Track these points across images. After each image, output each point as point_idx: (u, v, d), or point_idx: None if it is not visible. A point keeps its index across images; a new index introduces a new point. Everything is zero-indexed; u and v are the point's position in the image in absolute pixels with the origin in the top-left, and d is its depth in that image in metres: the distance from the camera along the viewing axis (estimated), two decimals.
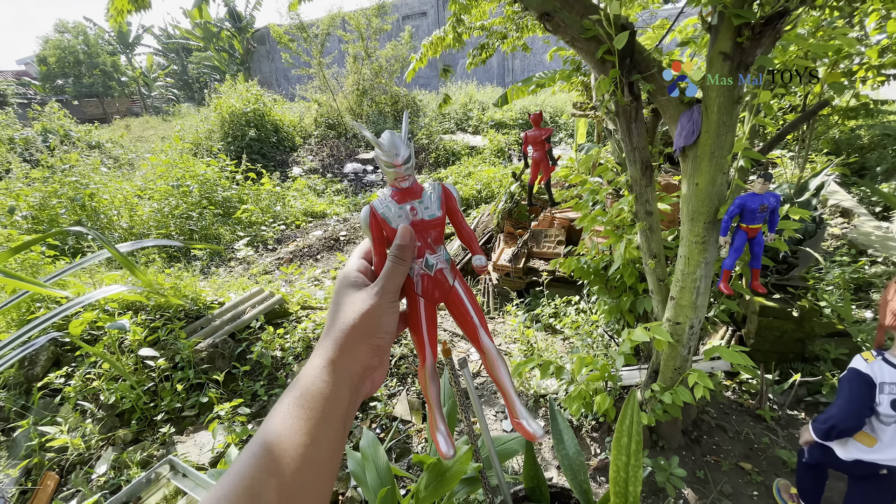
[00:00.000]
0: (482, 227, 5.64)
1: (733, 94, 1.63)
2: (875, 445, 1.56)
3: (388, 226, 0.63)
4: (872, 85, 4.65)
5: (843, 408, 1.58)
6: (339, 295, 0.55)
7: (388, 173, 0.61)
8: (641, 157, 1.98)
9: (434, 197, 0.61)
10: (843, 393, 1.59)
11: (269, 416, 0.45)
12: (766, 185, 1.69)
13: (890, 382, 1.49)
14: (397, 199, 0.62)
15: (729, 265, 1.87)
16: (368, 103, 12.56)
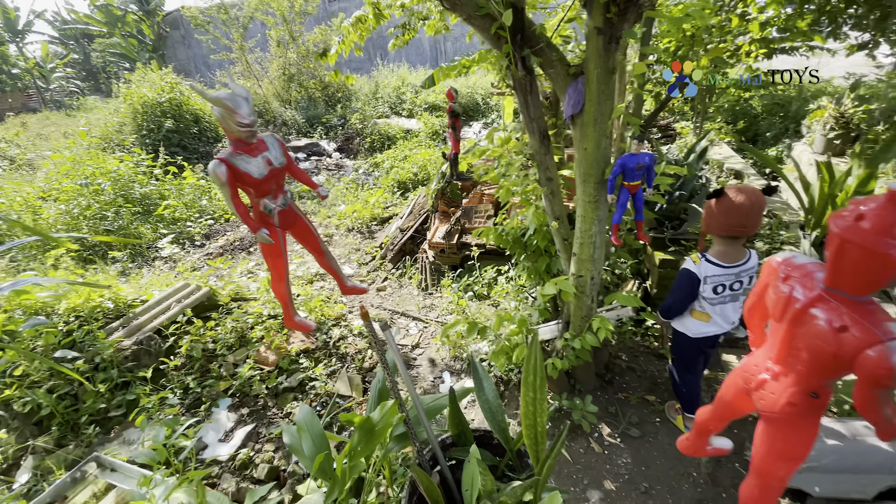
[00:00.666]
0: (419, 209, 5.74)
1: (608, 65, 1.83)
2: (710, 320, 2.05)
3: (250, 177, 0.70)
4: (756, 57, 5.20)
5: (676, 296, 2.08)
6: None
7: (238, 132, 0.67)
8: (539, 128, 2.15)
9: (278, 146, 0.69)
10: (677, 286, 2.05)
11: None
12: (640, 145, 1.92)
13: (711, 275, 1.93)
14: (249, 152, 0.69)
15: (617, 220, 2.10)
16: (296, 88, 12.10)
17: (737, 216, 1.79)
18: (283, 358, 3.05)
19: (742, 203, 1.78)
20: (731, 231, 1.84)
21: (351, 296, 4.30)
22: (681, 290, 2.03)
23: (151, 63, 14.09)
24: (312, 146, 10.00)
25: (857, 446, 2.08)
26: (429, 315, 3.95)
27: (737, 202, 1.78)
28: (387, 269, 4.85)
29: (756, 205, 1.78)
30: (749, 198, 1.78)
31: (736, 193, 1.80)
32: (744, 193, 1.80)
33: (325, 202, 7.26)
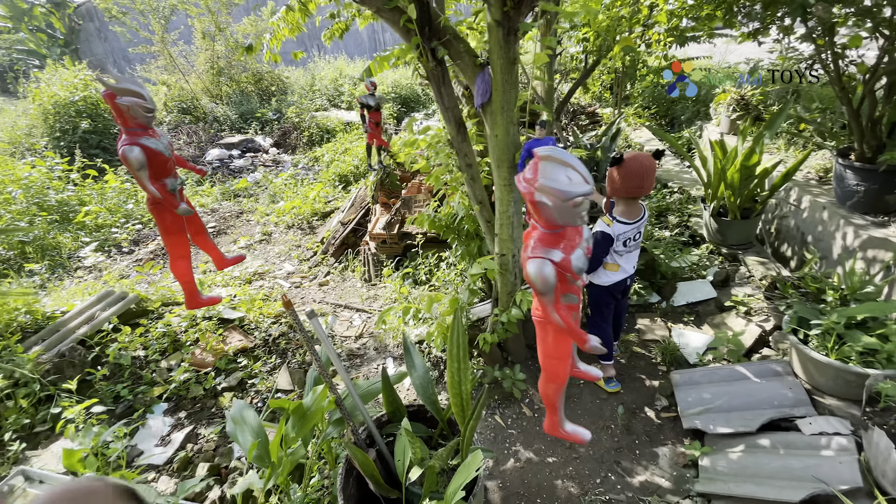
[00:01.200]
0: (360, 201, 5.74)
1: (509, 56, 1.96)
2: (619, 269, 2.34)
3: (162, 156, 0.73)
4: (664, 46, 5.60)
5: (595, 255, 2.28)
6: None
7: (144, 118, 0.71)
8: (454, 117, 2.27)
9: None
10: (595, 246, 2.24)
11: None
12: (543, 130, 2.08)
13: (622, 233, 2.21)
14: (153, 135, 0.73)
15: None
16: (227, 83, 11.55)
17: (635, 179, 2.08)
18: (220, 358, 3.01)
19: (637, 168, 2.07)
20: (630, 193, 2.14)
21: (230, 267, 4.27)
22: (599, 249, 2.27)
23: (64, 59, 12.88)
24: (247, 142, 9.63)
25: (746, 387, 2.40)
26: (372, 305, 4.01)
27: (633, 168, 2.07)
28: (329, 264, 4.84)
29: (649, 168, 2.08)
30: (643, 163, 2.07)
31: (632, 160, 2.07)
32: (638, 160, 2.07)
33: (262, 201, 7.06)
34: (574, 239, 1.52)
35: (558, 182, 1.32)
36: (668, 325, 3.15)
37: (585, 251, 1.54)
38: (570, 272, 1.49)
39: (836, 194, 3.48)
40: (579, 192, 1.31)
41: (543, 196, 1.37)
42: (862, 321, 2.20)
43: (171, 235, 2.65)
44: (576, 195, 1.31)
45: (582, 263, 1.50)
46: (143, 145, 2.22)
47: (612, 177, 2.17)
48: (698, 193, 4.48)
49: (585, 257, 1.53)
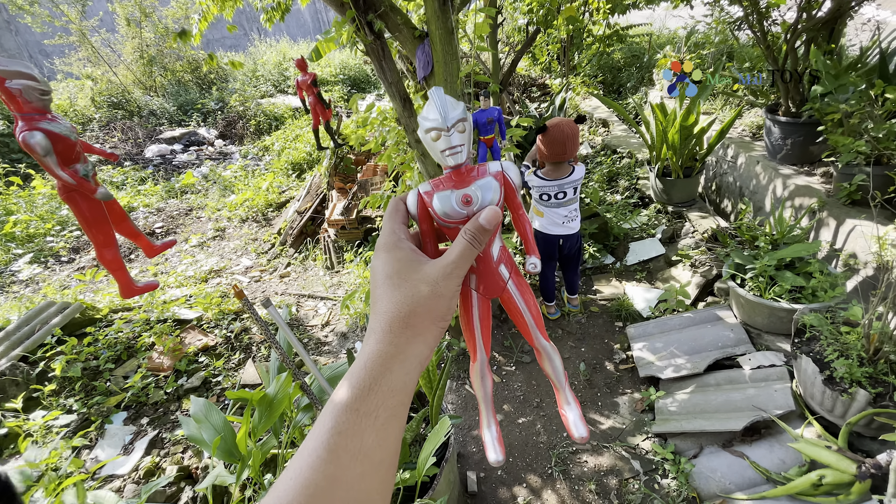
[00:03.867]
0: (315, 189, 5.60)
1: (447, 26, 1.94)
2: (543, 217, 2.56)
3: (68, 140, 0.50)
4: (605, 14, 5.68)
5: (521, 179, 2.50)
6: (395, 264, 0.44)
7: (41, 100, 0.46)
8: (399, 92, 2.24)
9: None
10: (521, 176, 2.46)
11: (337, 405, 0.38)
12: (488, 101, 2.09)
13: (536, 185, 2.45)
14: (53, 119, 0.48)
15: None
16: (161, 72, 10.81)
17: (559, 146, 2.24)
18: (180, 360, 2.91)
19: (559, 135, 2.21)
20: (556, 157, 2.30)
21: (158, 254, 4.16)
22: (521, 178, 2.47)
23: None
24: (190, 135, 9.12)
25: (694, 333, 2.57)
26: (337, 292, 3.97)
27: (555, 135, 2.21)
28: (288, 255, 4.73)
29: (570, 135, 2.22)
30: (563, 130, 2.21)
31: (554, 128, 2.17)
32: (559, 127, 2.19)
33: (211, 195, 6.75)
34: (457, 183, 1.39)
35: (421, 116, 1.31)
36: (622, 283, 3.30)
37: (458, 200, 1.49)
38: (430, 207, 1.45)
39: (768, 148, 3.71)
40: (427, 125, 1.27)
41: None
42: (790, 262, 2.39)
43: (93, 224, 2.51)
44: (424, 126, 1.27)
45: (444, 206, 1.46)
46: (45, 129, 2.11)
47: (538, 143, 2.31)
48: (645, 157, 4.65)
49: (455, 205, 1.49)
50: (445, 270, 0.43)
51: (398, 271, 0.44)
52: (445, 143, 0.47)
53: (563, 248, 2.68)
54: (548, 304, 3.03)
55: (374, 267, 0.46)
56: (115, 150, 8.53)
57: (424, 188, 0.51)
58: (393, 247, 0.46)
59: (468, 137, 0.49)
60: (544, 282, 2.92)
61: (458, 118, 0.46)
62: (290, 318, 3.56)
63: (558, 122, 2.20)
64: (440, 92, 0.49)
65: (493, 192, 0.48)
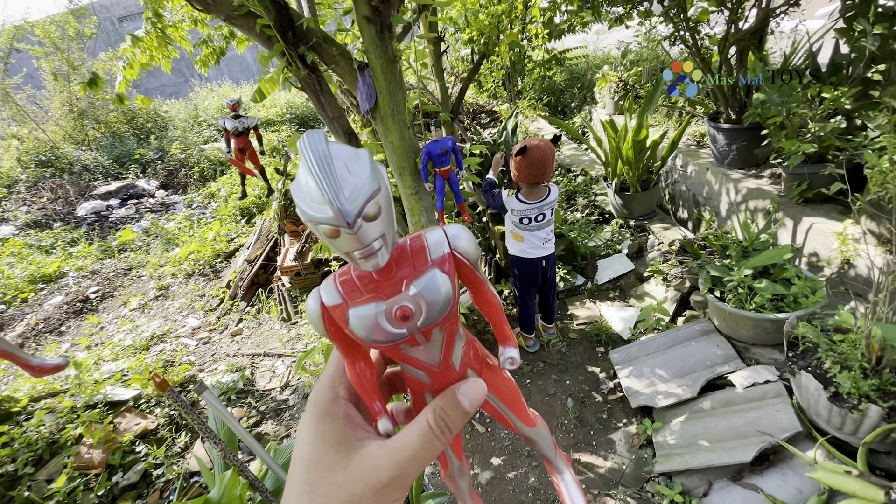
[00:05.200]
0: (265, 234, 5.26)
1: (388, 54, 1.79)
2: (523, 241, 2.46)
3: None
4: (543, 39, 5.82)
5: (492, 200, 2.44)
6: (319, 445, 0.33)
7: None
8: (342, 127, 2.05)
9: None
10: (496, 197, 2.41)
11: None
12: (440, 131, 1.94)
13: (517, 209, 2.34)
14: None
15: (439, 206, 2.12)
16: (93, 125, 10.20)
17: (538, 167, 2.15)
18: (114, 452, 2.49)
19: (539, 156, 2.13)
20: (535, 178, 2.21)
21: (48, 376, 3.75)
22: (494, 201, 2.43)
23: None
24: (127, 188, 8.54)
25: (679, 353, 2.45)
26: (296, 347, 3.63)
27: (536, 156, 2.13)
28: (240, 310, 4.34)
29: (550, 155, 2.17)
30: (544, 150, 2.14)
31: (534, 149, 2.12)
32: (539, 148, 2.13)
33: (153, 251, 6.24)
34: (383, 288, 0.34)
35: (297, 194, 0.31)
36: (597, 304, 3.19)
37: (389, 317, 0.34)
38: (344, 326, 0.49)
39: (714, 155, 3.78)
40: (312, 216, 0.28)
41: None
42: (764, 269, 2.34)
43: None
44: (307, 217, 0.28)
45: (367, 329, 0.35)
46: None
47: (515, 165, 2.21)
48: (599, 173, 4.68)
49: (385, 324, 0.34)
50: (389, 474, 0.30)
51: (318, 461, 0.32)
52: (352, 244, 0.27)
53: (546, 269, 2.57)
54: (526, 335, 2.86)
55: (297, 438, 0.35)
56: (44, 210, 7.84)
57: (328, 295, 0.31)
58: (323, 411, 0.35)
59: (389, 219, 0.29)
60: (525, 311, 2.76)
61: (367, 196, 0.26)
62: (244, 384, 3.19)
63: (537, 142, 2.12)
64: (319, 145, 0.26)
65: (443, 294, 0.31)
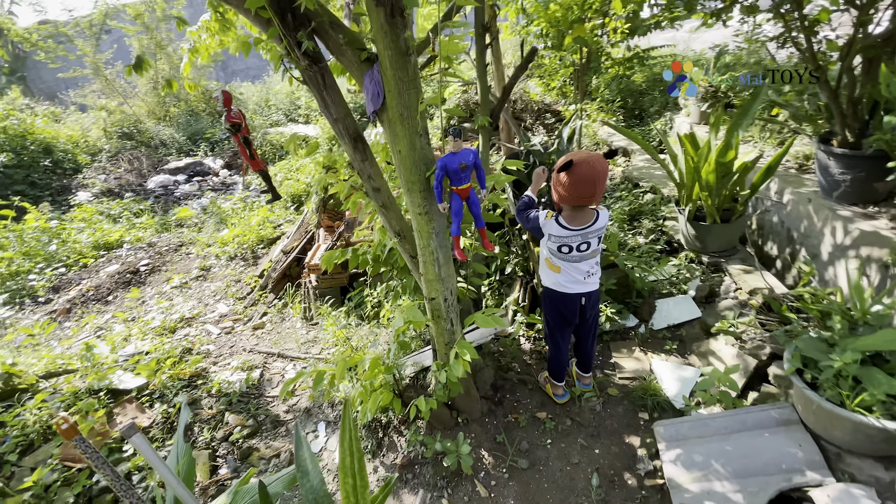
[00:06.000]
0: (305, 225, 5.16)
1: (399, 45, 1.44)
2: (560, 272, 2.02)
3: None
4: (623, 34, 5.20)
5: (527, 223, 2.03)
6: None
7: None
8: (347, 130, 1.74)
9: None
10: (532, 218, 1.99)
11: None
12: (459, 142, 1.57)
13: (555, 235, 1.91)
14: None
15: (455, 231, 1.75)
16: (174, 103, 10.85)
17: (585, 186, 1.74)
18: (102, 447, 2.41)
19: (588, 173, 1.72)
20: (580, 201, 1.80)
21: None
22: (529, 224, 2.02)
23: (13, 88, 11.98)
24: (195, 165, 8.97)
25: (746, 444, 1.91)
26: (310, 351, 3.45)
27: (583, 173, 1.72)
28: (267, 302, 4.26)
29: (602, 173, 1.75)
30: (594, 167, 1.72)
31: (582, 165, 1.71)
32: (589, 163, 1.71)
33: (206, 230, 6.43)
34: None
35: None
36: (648, 356, 2.66)
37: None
38: None
39: (821, 184, 3.06)
40: None
41: None
42: (877, 353, 1.74)
43: None
44: None
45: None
46: None
47: (558, 183, 1.80)
48: (672, 193, 4.03)
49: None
50: None
51: None
52: None
53: (587, 308, 2.12)
54: (555, 382, 2.42)
55: None
56: (119, 180, 8.42)
57: None
58: None
59: None
60: (556, 354, 2.31)
61: None
62: (249, 387, 3.04)
63: (586, 157, 1.71)
64: None
65: None
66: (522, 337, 2.98)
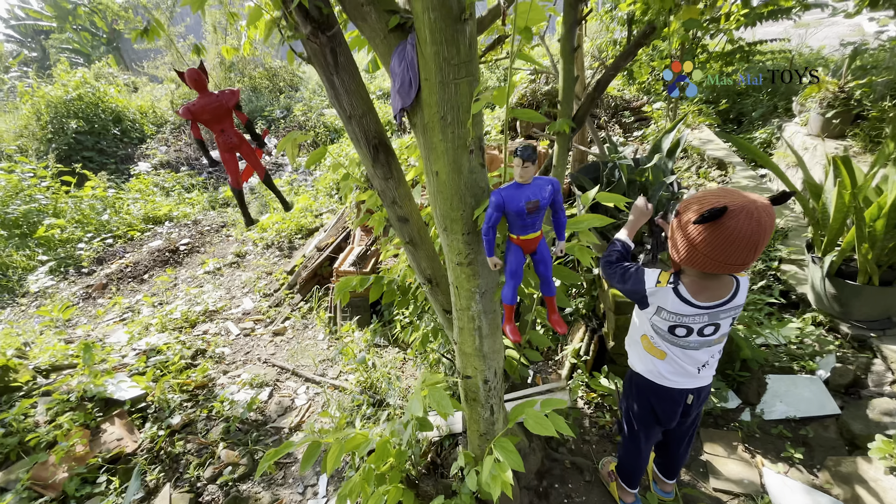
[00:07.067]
0: (342, 222, 4.75)
1: (449, 4, 0.87)
2: (665, 358, 1.38)
3: None
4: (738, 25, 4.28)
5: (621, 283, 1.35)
6: None
7: None
8: (366, 133, 1.19)
9: None
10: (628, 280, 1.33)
11: None
12: (530, 167, 0.97)
13: (669, 310, 1.26)
14: None
15: (509, 298, 1.16)
16: (238, 77, 10.91)
17: (741, 250, 1.08)
18: (71, 479, 2.09)
19: (752, 233, 1.05)
20: (723, 269, 1.15)
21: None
22: (624, 285, 1.35)
23: (109, 58, 12.74)
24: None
25: None
26: (326, 373, 3.01)
27: (744, 232, 1.06)
28: (292, 303, 3.89)
29: (769, 232, 1.09)
30: (762, 222, 1.05)
31: (741, 216, 1.05)
32: (753, 218, 1.05)
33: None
34: None
35: None
36: (756, 460, 1.95)
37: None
38: None
39: None
40: None
41: None
42: None
43: None
44: None
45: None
46: None
47: (690, 236, 1.14)
48: (793, 226, 3.17)
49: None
50: None
51: None
52: None
53: (692, 407, 1.47)
54: (626, 488, 1.79)
55: None
56: (179, 153, 8.52)
57: None
58: None
59: None
60: (634, 457, 1.67)
61: None
62: (253, 410, 2.65)
63: (748, 203, 1.05)
64: None
65: None
66: (581, 399, 2.35)
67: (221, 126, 3.02)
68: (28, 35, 24.51)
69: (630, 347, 1.53)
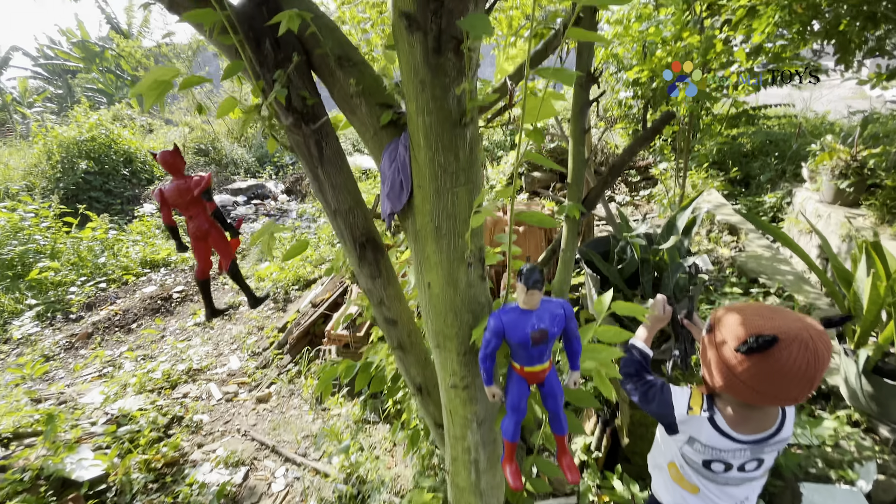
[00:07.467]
0: (340, 276, 4.60)
1: (447, 108, 0.74)
2: (697, 497, 1.17)
3: None
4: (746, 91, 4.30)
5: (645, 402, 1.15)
6: None
7: None
8: (352, 230, 1.05)
9: None
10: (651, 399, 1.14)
11: None
12: (536, 294, 0.81)
13: (705, 444, 1.07)
14: None
15: (510, 434, 0.97)
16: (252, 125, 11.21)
17: (792, 386, 0.89)
18: None
19: (807, 366, 0.87)
20: (771, 402, 0.98)
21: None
22: (647, 405, 1.15)
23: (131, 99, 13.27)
24: (257, 188, 8.96)
25: None
26: (310, 453, 2.75)
27: (798, 365, 0.87)
28: (280, 366, 3.66)
29: (825, 364, 0.89)
30: (818, 354, 0.87)
31: (796, 348, 0.87)
32: (809, 349, 0.86)
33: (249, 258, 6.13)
34: None
35: None
36: None
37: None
38: None
39: None
40: None
41: None
42: None
43: None
44: None
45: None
46: None
47: (728, 362, 0.96)
48: (816, 304, 2.98)
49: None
50: None
51: None
52: None
53: None
54: None
55: None
56: None
57: None
58: None
59: None
60: None
61: None
62: (224, 497, 2.38)
63: (801, 332, 0.87)
64: None
65: None
66: None
67: (190, 213, 2.83)
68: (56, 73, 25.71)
69: (654, 471, 1.31)
